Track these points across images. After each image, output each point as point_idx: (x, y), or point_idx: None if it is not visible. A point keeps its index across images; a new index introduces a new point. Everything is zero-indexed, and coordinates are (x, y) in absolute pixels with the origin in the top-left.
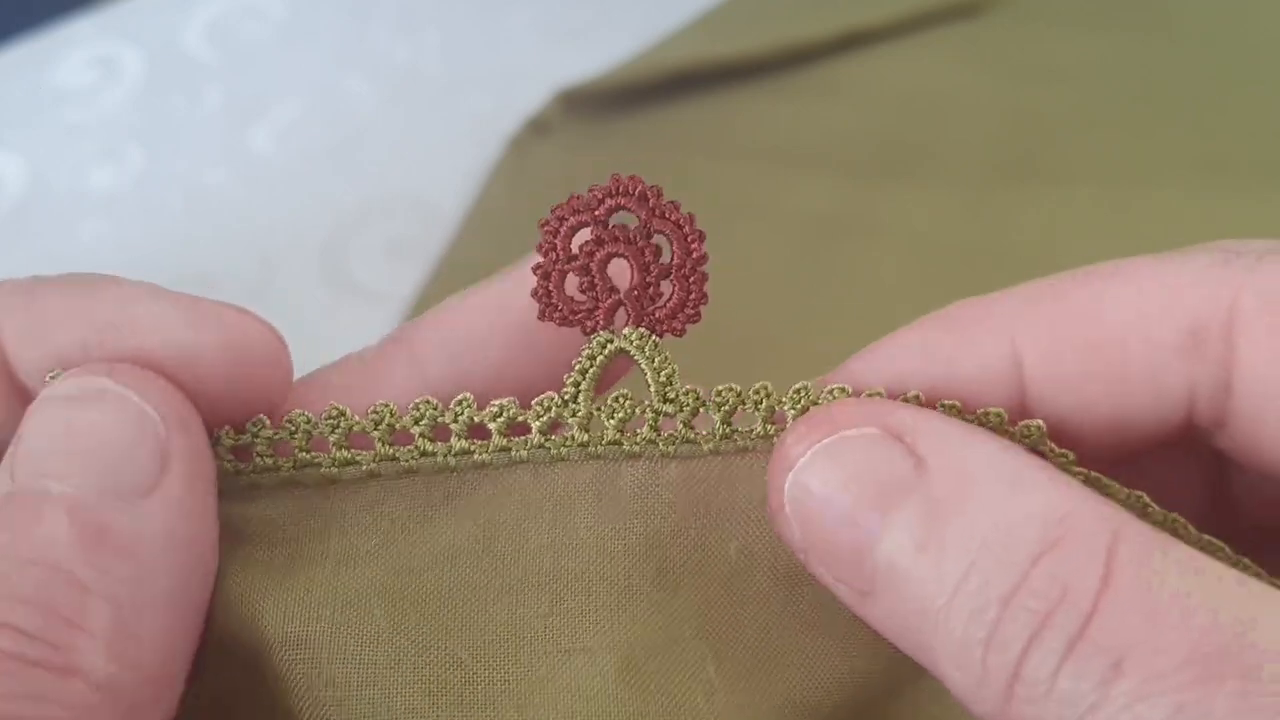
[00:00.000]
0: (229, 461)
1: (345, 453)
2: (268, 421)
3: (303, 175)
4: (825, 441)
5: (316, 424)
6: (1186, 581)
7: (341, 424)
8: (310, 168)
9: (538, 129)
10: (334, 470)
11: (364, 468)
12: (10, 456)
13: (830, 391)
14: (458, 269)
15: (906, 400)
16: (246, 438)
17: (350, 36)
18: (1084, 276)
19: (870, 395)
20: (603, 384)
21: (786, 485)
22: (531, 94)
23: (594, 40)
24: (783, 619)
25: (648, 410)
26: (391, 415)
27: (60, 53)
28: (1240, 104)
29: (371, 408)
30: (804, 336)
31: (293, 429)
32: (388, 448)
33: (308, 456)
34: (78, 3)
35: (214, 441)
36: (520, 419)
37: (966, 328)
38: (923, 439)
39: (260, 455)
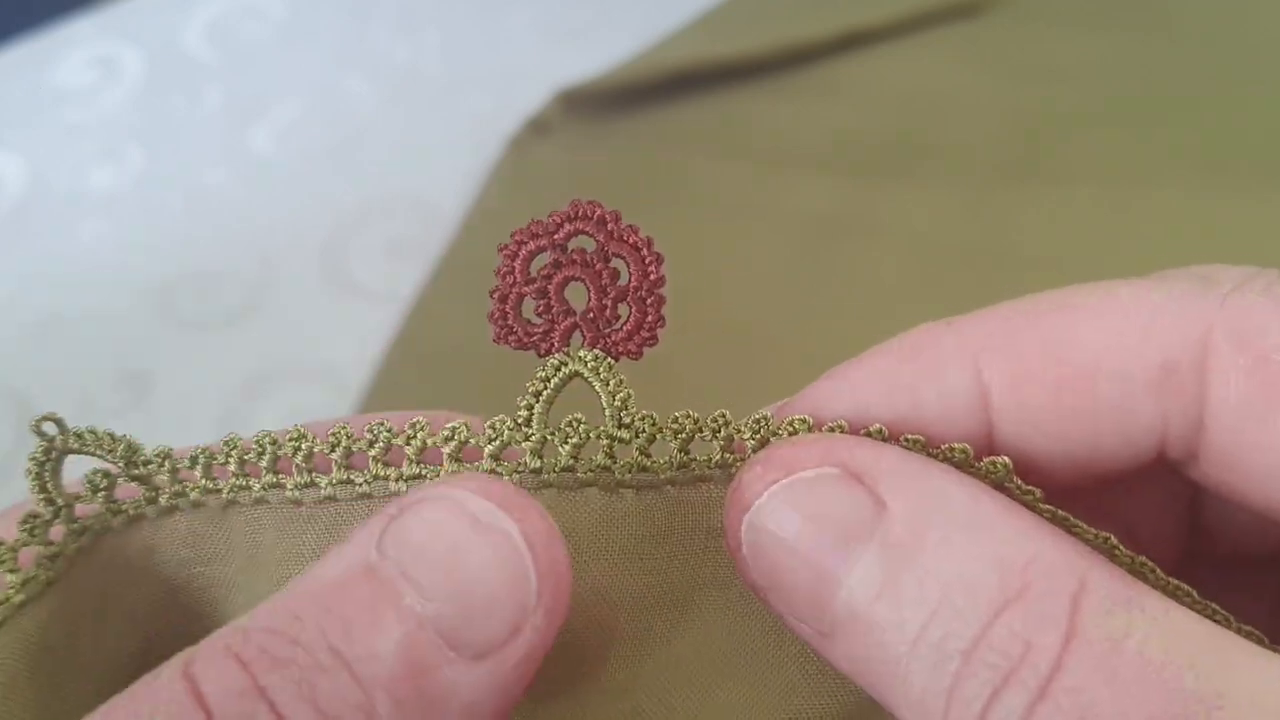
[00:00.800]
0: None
1: (305, 476)
2: (240, 441)
3: (303, 175)
4: (783, 482)
5: (281, 445)
6: (1153, 638)
7: (303, 446)
8: (310, 168)
9: (538, 129)
10: (296, 493)
11: (322, 491)
12: (387, 526)
13: (790, 423)
14: (458, 269)
15: (870, 434)
16: (220, 458)
17: (350, 36)
18: (1053, 304)
19: (832, 428)
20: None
21: (744, 527)
22: (531, 94)
23: (594, 40)
24: (728, 651)
25: (603, 436)
26: (348, 439)
27: (60, 53)
28: (1240, 104)
29: (329, 430)
30: (804, 336)
31: (260, 450)
32: (344, 472)
33: (273, 478)
34: (78, 3)
35: (159, 460)
36: (472, 443)
37: (932, 355)
38: (883, 480)
39: (236, 475)
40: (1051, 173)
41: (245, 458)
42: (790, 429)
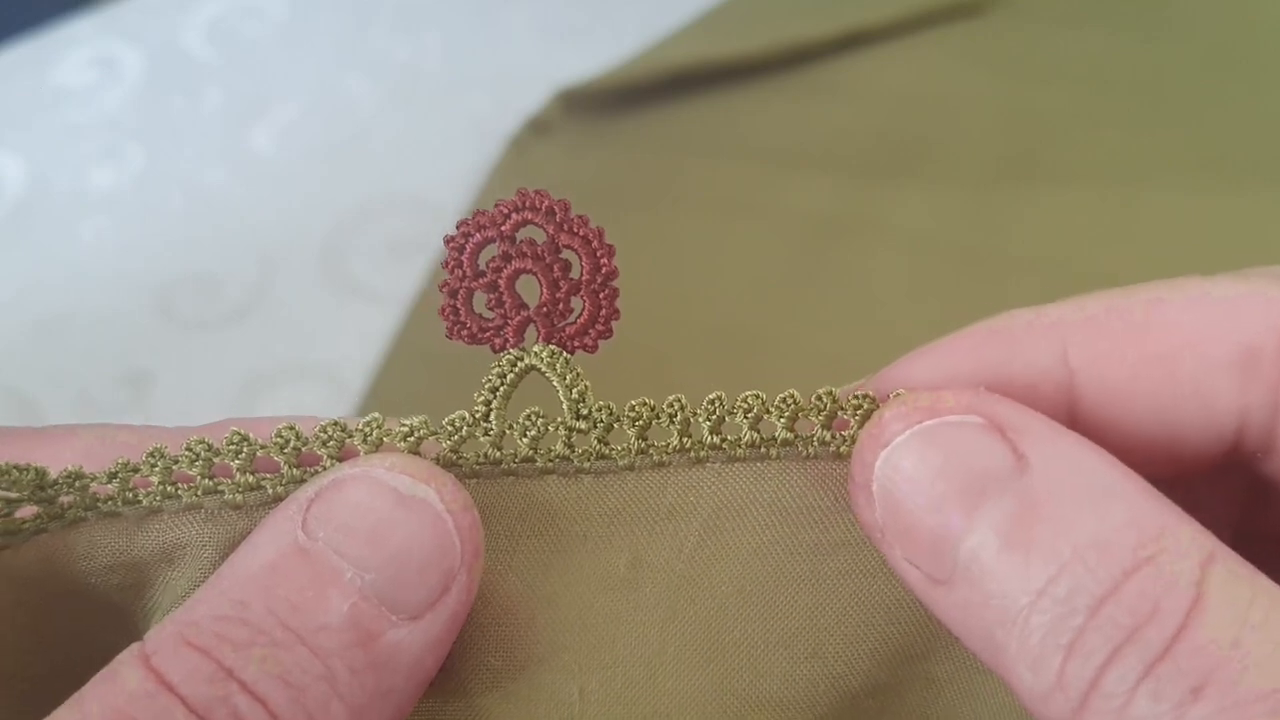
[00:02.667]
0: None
1: (250, 477)
2: (166, 450)
3: (303, 175)
4: (926, 424)
5: (219, 451)
6: (1274, 612)
7: (245, 449)
8: (310, 168)
9: (538, 129)
10: (238, 496)
11: (269, 492)
12: (308, 510)
13: (744, 399)
14: None
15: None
16: (145, 468)
17: (350, 36)
18: (1139, 290)
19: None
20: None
21: (878, 462)
22: (531, 94)
23: (594, 40)
24: (667, 636)
25: (561, 427)
26: (297, 438)
27: (60, 53)
28: (1240, 103)
29: (276, 431)
30: (804, 336)
31: (193, 457)
32: (294, 470)
33: (210, 483)
34: (78, 3)
35: (113, 475)
36: (430, 438)
37: (1018, 334)
38: (1026, 436)
39: (160, 484)
40: (1051, 173)
41: (174, 466)
42: (744, 405)
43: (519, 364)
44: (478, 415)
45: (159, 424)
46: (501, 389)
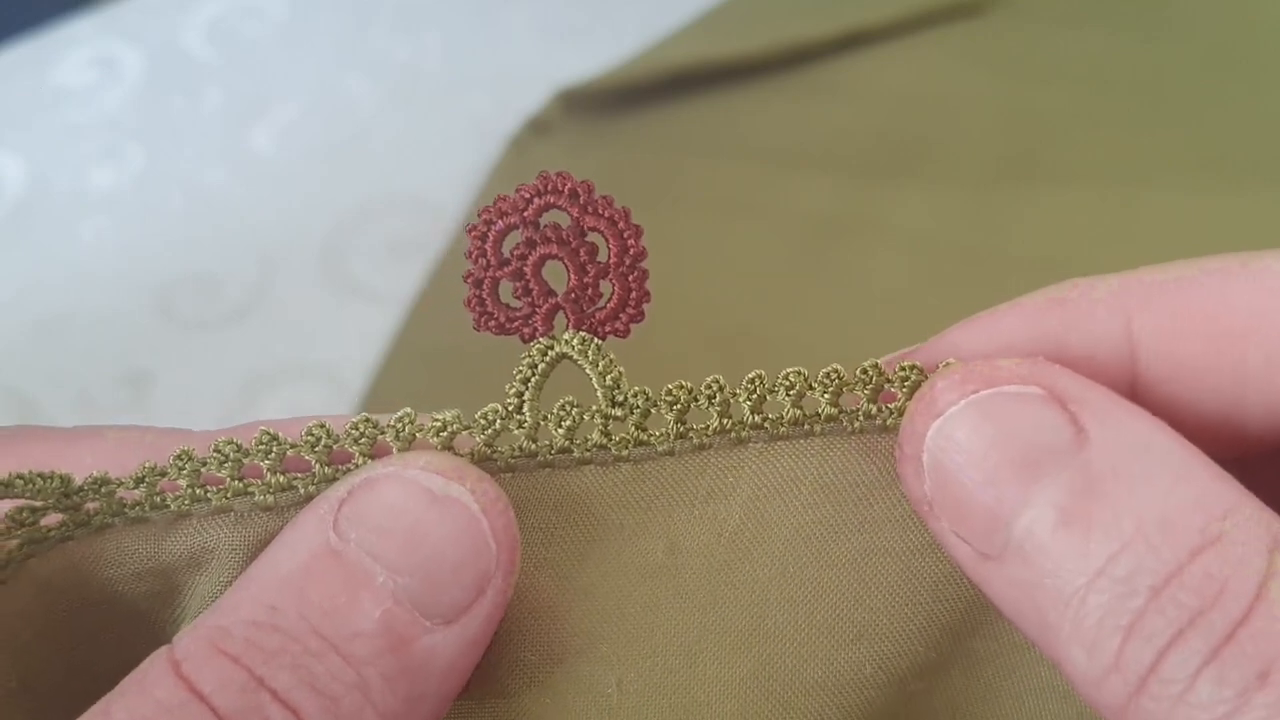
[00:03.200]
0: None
1: (281, 478)
2: (193, 452)
3: (303, 175)
4: (982, 393)
5: (248, 451)
6: None
7: (275, 449)
8: (310, 168)
9: (538, 129)
10: (269, 498)
11: (301, 492)
12: (340, 509)
13: (786, 375)
14: (458, 269)
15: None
16: (173, 471)
17: (350, 36)
18: (1209, 265)
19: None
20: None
21: (930, 433)
22: (531, 94)
23: (594, 40)
24: (707, 624)
25: (596, 416)
26: (329, 436)
27: (60, 53)
28: (1240, 103)
29: (305, 429)
30: (804, 336)
31: (221, 458)
32: (326, 469)
33: (240, 485)
34: (78, 3)
35: (139, 479)
36: (463, 432)
37: (1082, 303)
38: (1087, 409)
39: (188, 487)
40: (1051, 173)
41: (203, 468)
42: (786, 381)
43: (550, 353)
44: (510, 407)
45: (158, 425)
46: (533, 379)
